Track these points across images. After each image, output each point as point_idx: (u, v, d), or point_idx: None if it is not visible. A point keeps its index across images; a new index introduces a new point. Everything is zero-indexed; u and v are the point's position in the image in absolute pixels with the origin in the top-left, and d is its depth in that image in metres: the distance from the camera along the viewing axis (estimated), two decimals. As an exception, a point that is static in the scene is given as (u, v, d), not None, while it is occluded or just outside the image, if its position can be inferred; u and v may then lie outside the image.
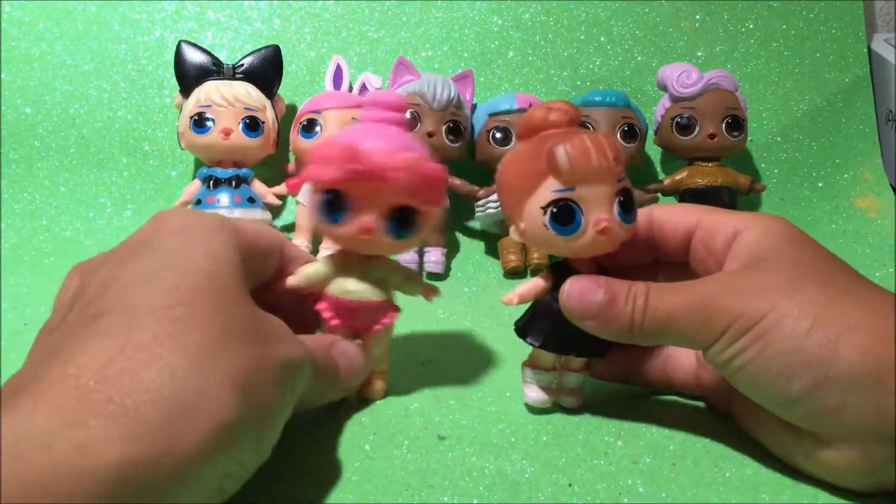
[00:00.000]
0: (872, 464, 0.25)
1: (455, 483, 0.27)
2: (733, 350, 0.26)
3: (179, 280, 0.23)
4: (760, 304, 0.25)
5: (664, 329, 0.27)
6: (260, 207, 0.57)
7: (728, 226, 0.29)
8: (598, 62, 0.68)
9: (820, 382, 0.24)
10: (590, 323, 0.28)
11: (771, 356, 0.25)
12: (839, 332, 0.24)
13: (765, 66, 0.70)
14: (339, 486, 0.26)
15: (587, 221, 0.28)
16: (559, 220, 0.28)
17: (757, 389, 0.26)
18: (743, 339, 0.25)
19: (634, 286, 0.28)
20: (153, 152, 0.63)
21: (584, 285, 0.28)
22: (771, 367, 0.25)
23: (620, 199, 0.28)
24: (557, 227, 0.28)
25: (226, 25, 0.66)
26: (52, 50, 0.64)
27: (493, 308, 0.49)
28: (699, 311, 0.26)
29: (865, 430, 0.24)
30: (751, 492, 0.26)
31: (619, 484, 0.27)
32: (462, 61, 0.67)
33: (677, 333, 0.27)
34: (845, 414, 0.24)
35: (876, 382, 0.23)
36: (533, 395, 0.32)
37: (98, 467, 0.17)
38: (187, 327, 0.21)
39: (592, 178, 0.28)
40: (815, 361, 0.24)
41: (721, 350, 0.26)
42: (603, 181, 0.28)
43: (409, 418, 0.32)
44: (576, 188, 0.28)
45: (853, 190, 0.67)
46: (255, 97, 0.57)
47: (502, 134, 0.58)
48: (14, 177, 0.62)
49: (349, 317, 0.32)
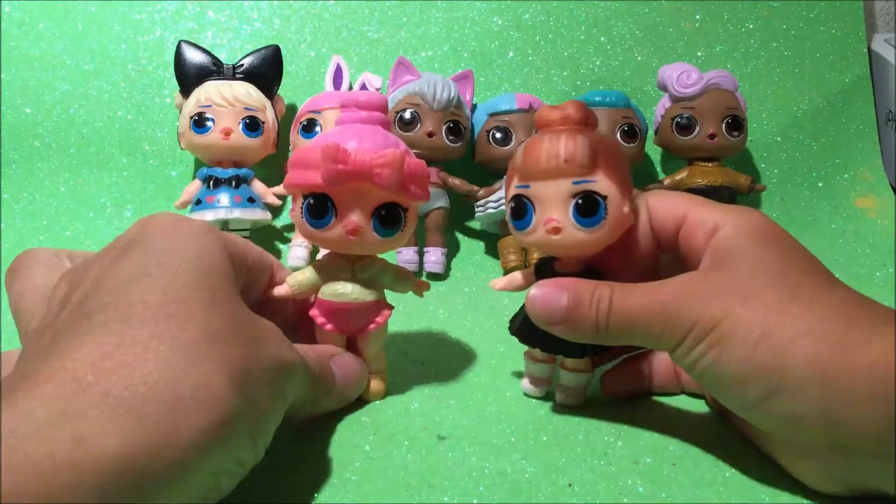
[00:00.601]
0: (832, 471, 0.25)
1: (455, 483, 0.27)
2: (694, 355, 0.26)
3: (172, 278, 0.23)
4: (715, 311, 0.25)
5: (628, 332, 0.27)
6: (260, 207, 0.57)
7: (708, 222, 0.28)
8: (598, 62, 0.68)
9: (773, 390, 0.24)
10: (556, 328, 0.28)
11: (726, 363, 0.25)
12: (788, 340, 0.24)
13: (765, 66, 0.70)
14: (339, 486, 0.26)
15: (539, 219, 0.29)
16: (514, 214, 0.30)
17: (719, 393, 0.26)
18: (700, 345, 0.25)
19: (599, 288, 0.28)
20: (153, 152, 0.63)
21: (549, 291, 0.28)
22: (726, 373, 0.25)
23: (578, 202, 0.28)
24: (514, 221, 0.30)
25: (226, 25, 0.66)
26: (52, 50, 0.64)
27: (493, 308, 0.49)
28: (660, 316, 0.26)
29: (818, 438, 0.24)
30: (751, 492, 0.26)
31: (619, 484, 0.27)
32: (462, 61, 0.67)
33: (642, 336, 0.27)
34: (799, 422, 0.24)
35: (823, 391, 0.23)
36: (525, 384, 0.34)
37: (96, 458, 0.17)
38: (182, 323, 0.21)
39: (542, 176, 0.29)
40: (766, 370, 0.24)
41: (684, 354, 0.26)
42: (554, 180, 0.28)
43: (409, 418, 0.32)
44: (531, 185, 0.29)
45: (853, 190, 0.67)
46: (255, 97, 0.57)
47: (502, 134, 0.58)
48: (14, 177, 0.62)
49: (342, 320, 0.32)
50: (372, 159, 0.29)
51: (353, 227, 0.30)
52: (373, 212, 0.30)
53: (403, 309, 0.41)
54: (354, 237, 0.30)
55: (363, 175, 0.29)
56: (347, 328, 0.32)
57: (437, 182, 0.57)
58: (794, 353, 0.24)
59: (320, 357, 0.30)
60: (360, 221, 0.30)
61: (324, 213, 0.30)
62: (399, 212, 0.31)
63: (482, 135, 0.59)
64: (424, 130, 0.56)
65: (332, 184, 0.29)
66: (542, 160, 0.28)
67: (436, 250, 0.57)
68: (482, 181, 0.58)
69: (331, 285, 0.32)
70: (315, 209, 0.30)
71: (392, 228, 0.31)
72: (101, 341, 0.20)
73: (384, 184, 0.29)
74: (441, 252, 0.57)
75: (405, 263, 0.55)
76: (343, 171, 0.29)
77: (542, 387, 0.33)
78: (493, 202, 0.56)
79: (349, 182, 0.29)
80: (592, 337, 0.28)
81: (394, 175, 0.29)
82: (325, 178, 0.29)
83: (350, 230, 0.30)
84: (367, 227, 0.30)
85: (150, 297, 0.22)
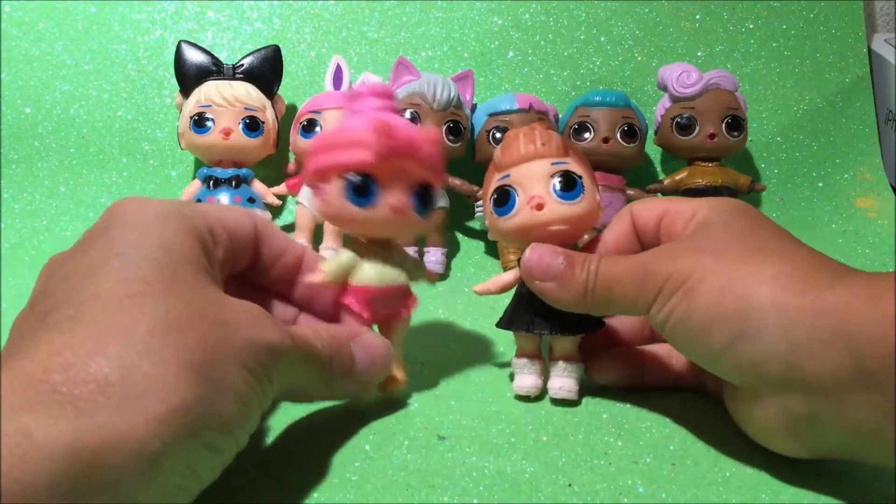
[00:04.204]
0: (792, 419, 0.25)
1: (455, 483, 0.27)
2: (667, 310, 0.27)
3: (130, 271, 0.23)
4: (686, 265, 0.27)
5: (610, 293, 0.29)
6: (260, 207, 0.57)
7: (687, 211, 0.30)
8: (598, 62, 0.69)
9: (737, 336, 0.25)
10: (548, 285, 0.30)
11: (694, 311, 0.26)
12: (754, 286, 0.25)
13: (765, 66, 0.70)
14: (339, 486, 0.26)
15: (522, 200, 0.31)
16: (497, 202, 0.32)
17: (686, 346, 0.28)
18: (673, 298, 0.27)
19: (589, 256, 0.30)
20: (153, 152, 0.63)
21: (545, 252, 0.31)
22: (694, 322, 0.26)
23: (558, 179, 0.31)
24: (497, 210, 0.32)
25: (226, 25, 0.66)
26: (52, 50, 0.64)
27: (493, 308, 0.49)
28: (637, 276, 0.28)
29: (780, 380, 0.25)
30: (751, 492, 0.26)
31: (619, 484, 0.27)
32: (462, 61, 0.67)
33: (621, 297, 0.29)
34: (762, 366, 0.25)
35: (785, 333, 0.24)
36: (517, 383, 0.33)
37: (44, 448, 0.18)
38: (136, 315, 0.21)
39: (522, 160, 0.32)
40: (731, 315, 0.25)
41: (657, 311, 0.28)
42: (534, 162, 0.32)
43: (409, 418, 0.32)
44: (510, 174, 0.32)
45: (853, 190, 0.67)
46: (255, 97, 0.57)
47: (502, 134, 0.58)
48: (14, 177, 0.62)
49: (380, 305, 0.32)
50: (420, 135, 0.30)
51: (398, 205, 0.30)
52: (412, 191, 0.31)
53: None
54: (400, 216, 0.30)
55: (412, 150, 0.30)
56: (381, 314, 0.32)
57: (437, 182, 0.57)
58: (758, 296, 0.25)
59: (335, 338, 0.29)
60: (404, 200, 0.30)
61: (368, 192, 0.30)
62: (433, 193, 0.32)
63: (482, 135, 0.59)
64: (424, 130, 0.56)
65: (383, 159, 0.29)
66: (520, 147, 0.32)
67: (436, 250, 0.57)
68: (482, 181, 0.58)
69: (366, 270, 0.31)
70: (360, 188, 0.30)
71: (427, 208, 0.31)
72: (52, 339, 0.20)
73: (426, 160, 0.30)
74: (441, 252, 0.57)
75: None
76: (395, 146, 0.29)
77: (535, 383, 0.33)
78: (493, 202, 0.56)
79: (398, 158, 0.30)
80: (579, 300, 0.30)
81: (436, 152, 0.31)
82: (378, 152, 0.29)
83: (395, 209, 0.30)
84: (409, 206, 0.31)
85: (105, 292, 0.22)
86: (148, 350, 0.21)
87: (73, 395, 0.19)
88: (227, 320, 0.24)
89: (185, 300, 0.23)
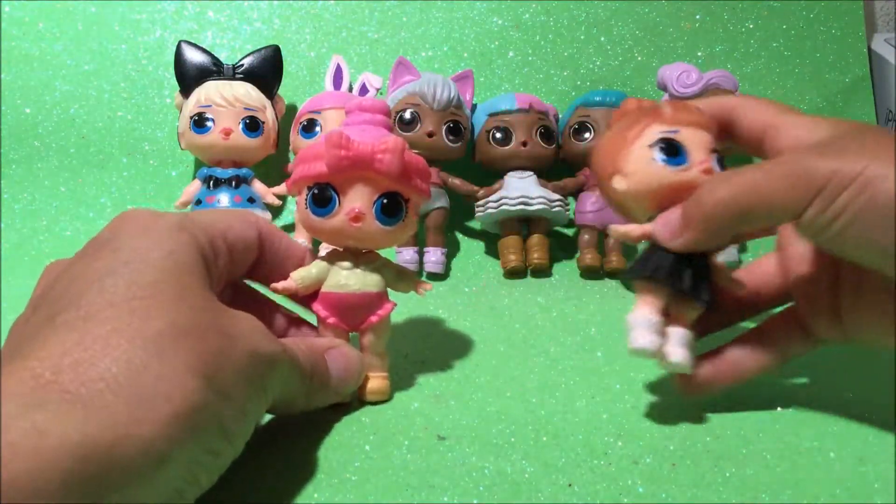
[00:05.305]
0: None
1: (455, 483, 0.27)
2: (836, 207, 0.25)
3: (139, 276, 0.23)
4: (853, 162, 0.25)
5: (748, 204, 0.27)
6: (260, 207, 0.57)
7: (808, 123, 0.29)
8: (598, 62, 0.69)
9: None
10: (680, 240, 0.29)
11: (880, 205, 0.24)
12: None
13: (765, 66, 0.70)
14: (339, 486, 0.26)
15: (693, 160, 0.31)
16: (669, 152, 0.31)
17: (867, 246, 0.26)
18: (845, 193, 0.25)
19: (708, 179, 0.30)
20: (153, 152, 0.63)
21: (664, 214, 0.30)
22: (879, 217, 0.25)
23: (718, 157, 0.32)
24: (671, 160, 0.31)
25: (226, 25, 0.66)
26: (52, 50, 0.64)
27: (493, 308, 0.49)
28: (783, 179, 0.26)
29: None
30: (751, 492, 0.26)
31: (619, 484, 0.27)
32: (462, 61, 0.67)
33: (766, 204, 0.27)
34: None
35: None
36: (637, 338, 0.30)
37: (56, 447, 0.18)
38: (146, 318, 0.22)
39: (691, 123, 0.32)
40: None
41: (819, 212, 0.26)
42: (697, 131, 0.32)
43: (409, 418, 0.32)
44: (679, 130, 0.32)
45: (853, 190, 0.67)
46: (255, 97, 0.57)
47: (502, 134, 0.58)
48: (14, 177, 0.62)
49: (346, 312, 0.32)
50: (374, 145, 0.30)
51: (356, 213, 0.31)
52: (375, 200, 0.31)
53: (404, 309, 0.41)
54: (357, 224, 0.31)
55: (365, 161, 0.30)
56: (350, 321, 0.32)
57: (437, 182, 0.57)
58: None
59: (313, 350, 0.30)
60: (362, 207, 0.31)
61: (327, 201, 0.31)
62: (400, 202, 0.32)
63: (482, 135, 0.59)
64: (424, 130, 0.56)
65: (335, 170, 0.30)
66: (692, 108, 0.33)
67: (436, 250, 0.57)
68: (482, 181, 0.58)
69: (333, 277, 0.32)
70: (319, 198, 0.31)
71: (393, 218, 0.31)
72: (62, 339, 0.21)
73: (386, 169, 0.30)
74: (441, 252, 0.57)
75: (405, 263, 0.55)
76: (346, 156, 0.30)
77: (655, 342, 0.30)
78: (493, 202, 0.56)
79: (352, 169, 0.30)
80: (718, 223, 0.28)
81: (395, 161, 0.30)
82: (329, 163, 0.30)
83: (353, 216, 0.31)
84: (368, 214, 0.31)
85: (115, 295, 0.22)
86: (157, 352, 0.21)
87: (81, 395, 0.19)
88: (231, 331, 0.24)
89: (192, 308, 0.23)
